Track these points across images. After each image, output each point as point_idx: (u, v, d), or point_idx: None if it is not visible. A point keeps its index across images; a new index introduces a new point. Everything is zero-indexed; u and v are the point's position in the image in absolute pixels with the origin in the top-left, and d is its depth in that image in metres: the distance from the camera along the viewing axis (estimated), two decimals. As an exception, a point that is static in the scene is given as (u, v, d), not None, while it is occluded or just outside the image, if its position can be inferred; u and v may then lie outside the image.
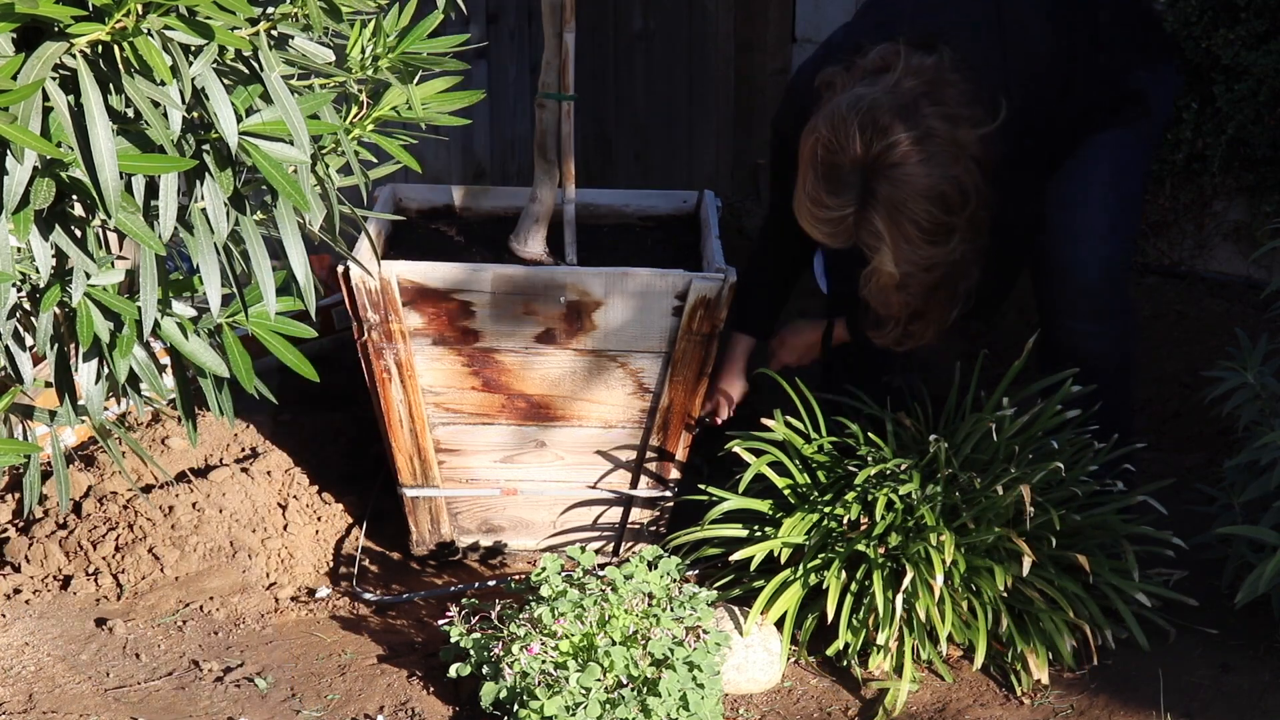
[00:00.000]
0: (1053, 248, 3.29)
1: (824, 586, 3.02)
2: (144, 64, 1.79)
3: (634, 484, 3.42)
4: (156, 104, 1.84)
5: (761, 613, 3.05)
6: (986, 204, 2.96)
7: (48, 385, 2.28)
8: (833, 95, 2.98)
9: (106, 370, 2.15)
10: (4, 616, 3.18)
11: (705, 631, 2.93)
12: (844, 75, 3.00)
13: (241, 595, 3.29)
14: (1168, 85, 3.33)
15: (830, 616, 2.99)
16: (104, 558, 3.31)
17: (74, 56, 1.78)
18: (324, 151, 2.26)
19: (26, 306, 2.13)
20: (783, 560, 3.12)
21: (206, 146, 1.98)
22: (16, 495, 3.49)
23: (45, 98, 1.77)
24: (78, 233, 1.97)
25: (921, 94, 2.91)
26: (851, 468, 3.16)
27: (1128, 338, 3.41)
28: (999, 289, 3.35)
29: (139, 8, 1.78)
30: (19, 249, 1.97)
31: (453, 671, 2.92)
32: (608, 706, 2.76)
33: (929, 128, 2.89)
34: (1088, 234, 3.27)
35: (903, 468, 3.08)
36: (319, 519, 3.55)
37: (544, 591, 2.92)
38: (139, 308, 2.03)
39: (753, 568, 3.13)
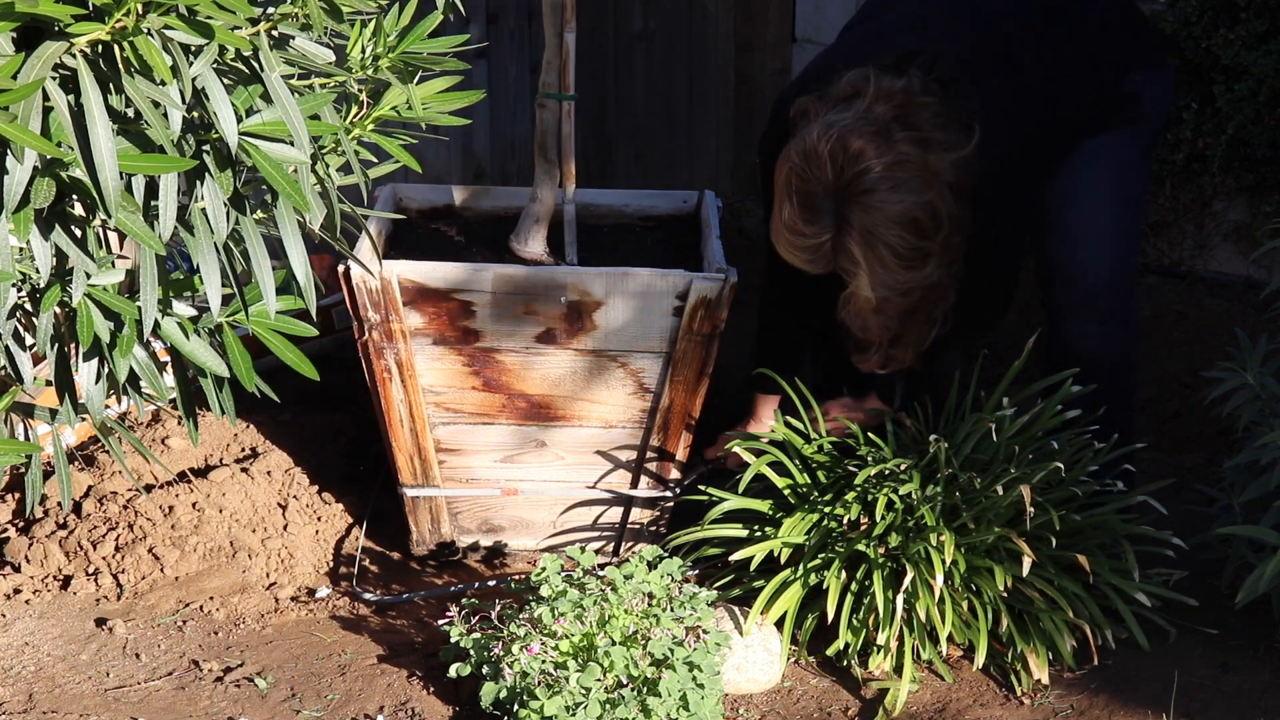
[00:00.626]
0: (1055, 249, 3.29)
1: (824, 586, 3.02)
2: (144, 64, 1.79)
3: (634, 484, 3.42)
4: (156, 104, 1.84)
5: (761, 613, 3.05)
6: (961, 228, 2.96)
7: (48, 384, 2.28)
8: (807, 124, 2.98)
9: (107, 370, 2.15)
10: (4, 616, 3.18)
11: (705, 631, 2.93)
12: (817, 104, 3.00)
13: (241, 595, 3.29)
14: (1163, 87, 3.32)
15: (830, 616, 2.99)
16: (104, 558, 3.31)
17: (74, 56, 1.78)
18: (324, 151, 2.26)
19: (27, 306, 2.13)
20: (783, 560, 3.12)
21: (206, 146, 1.98)
22: (17, 495, 3.49)
23: (45, 97, 1.76)
24: (78, 232, 1.97)
25: (893, 118, 2.91)
26: (851, 468, 3.16)
27: (1130, 338, 3.40)
28: (992, 309, 3.33)
29: (139, 7, 1.78)
30: (19, 249, 1.97)
31: (453, 671, 2.92)
32: (608, 706, 2.76)
33: (900, 153, 2.88)
34: (1090, 235, 3.27)
35: (903, 468, 3.08)
36: (319, 519, 3.55)
37: (544, 591, 2.92)
38: (139, 307, 2.03)
39: (753, 568, 3.13)
